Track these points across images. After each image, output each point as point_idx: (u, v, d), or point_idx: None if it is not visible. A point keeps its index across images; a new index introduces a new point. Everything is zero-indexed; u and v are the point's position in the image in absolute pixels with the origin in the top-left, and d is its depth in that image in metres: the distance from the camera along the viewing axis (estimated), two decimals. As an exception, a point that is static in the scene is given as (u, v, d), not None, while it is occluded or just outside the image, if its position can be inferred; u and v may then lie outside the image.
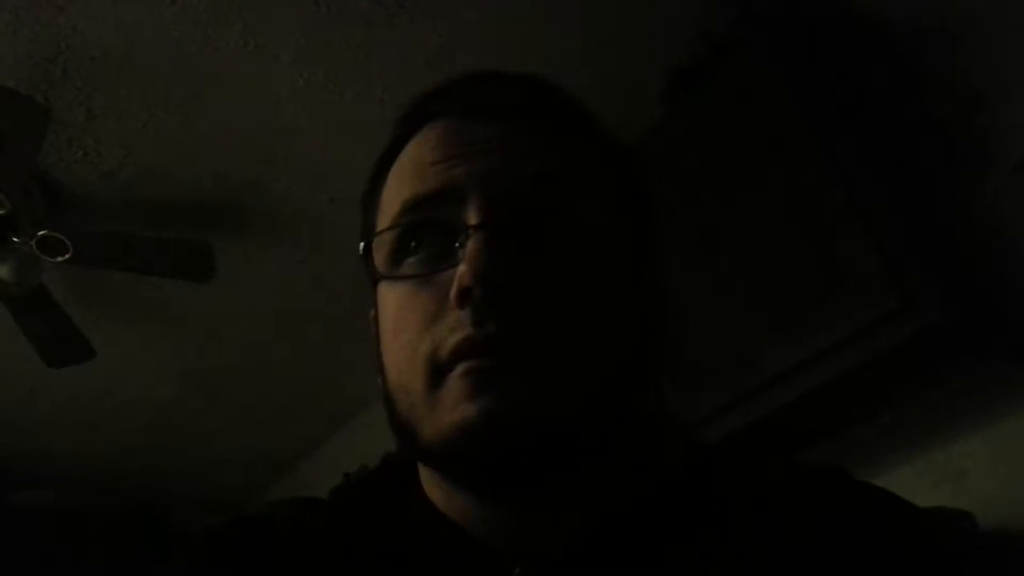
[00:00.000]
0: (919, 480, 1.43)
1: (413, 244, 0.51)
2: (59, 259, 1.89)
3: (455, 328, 0.47)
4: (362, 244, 0.53)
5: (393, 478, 0.57)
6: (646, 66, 1.80)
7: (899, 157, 1.51)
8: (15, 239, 1.88)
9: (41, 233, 1.86)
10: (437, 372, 0.48)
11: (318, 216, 2.08)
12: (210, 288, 2.10)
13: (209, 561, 0.54)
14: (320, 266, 2.24)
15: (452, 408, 0.47)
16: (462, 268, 0.47)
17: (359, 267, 0.59)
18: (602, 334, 0.50)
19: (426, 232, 0.51)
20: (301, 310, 2.42)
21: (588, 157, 0.54)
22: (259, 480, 3.21)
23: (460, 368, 0.47)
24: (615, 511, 0.50)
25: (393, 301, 0.52)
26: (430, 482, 0.54)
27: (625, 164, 0.58)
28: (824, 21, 1.62)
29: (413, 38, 1.73)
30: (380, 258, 0.52)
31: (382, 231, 0.52)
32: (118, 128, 1.83)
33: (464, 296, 0.46)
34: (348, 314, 2.35)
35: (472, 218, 0.49)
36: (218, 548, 0.55)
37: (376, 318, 0.56)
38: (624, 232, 0.53)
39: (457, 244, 0.48)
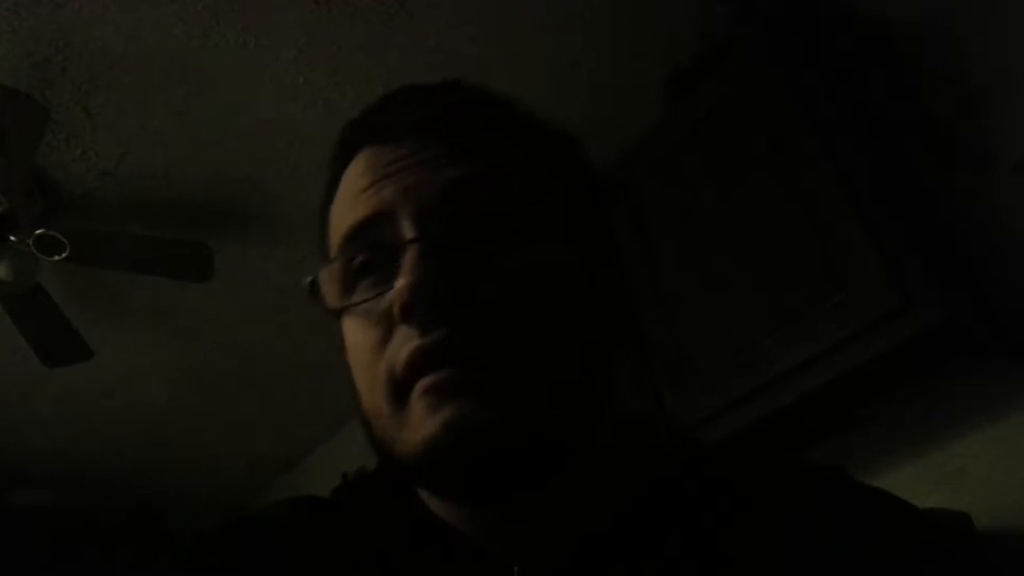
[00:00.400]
0: (919, 480, 1.43)
1: (360, 270, 0.52)
2: (57, 258, 1.89)
3: (404, 342, 0.48)
4: (307, 280, 0.53)
5: (390, 480, 0.57)
6: (646, 66, 1.80)
7: (899, 157, 1.51)
8: (12, 238, 1.87)
9: (39, 232, 1.85)
10: (398, 391, 0.48)
11: (317, 215, 2.08)
12: (209, 288, 2.10)
13: (207, 561, 0.54)
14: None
15: (418, 427, 0.47)
16: (399, 283, 0.47)
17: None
18: (550, 333, 0.49)
19: (370, 257, 0.51)
20: (300, 310, 2.41)
21: (518, 155, 0.53)
22: (258, 481, 3.21)
23: (419, 387, 0.47)
24: (613, 512, 0.50)
25: (351, 330, 0.53)
26: (422, 491, 0.54)
27: (565, 156, 0.57)
28: (824, 21, 1.62)
29: (413, 37, 1.73)
30: (332, 290, 0.53)
31: (328, 264, 0.53)
32: (116, 127, 1.83)
33: (407, 311, 0.47)
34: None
35: (406, 233, 0.49)
36: (216, 548, 0.55)
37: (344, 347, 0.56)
38: (567, 225, 0.52)
39: (396, 264, 0.48)
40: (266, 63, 1.74)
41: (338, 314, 0.54)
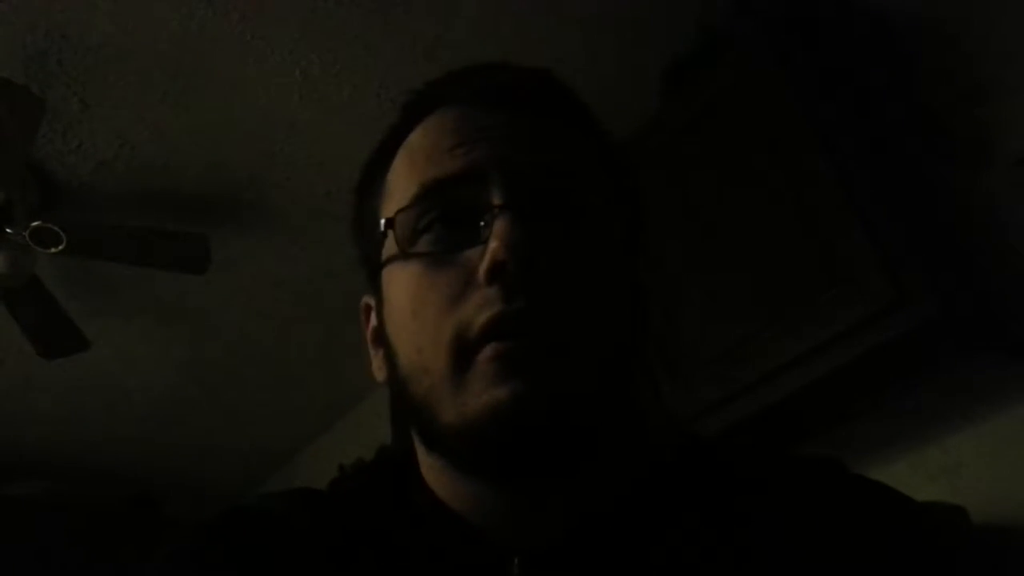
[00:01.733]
0: (914, 475, 1.44)
1: (425, 225, 0.51)
2: (53, 250, 1.89)
3: (483, 306, 0.47)
4: (383, 221, 0.53)
5: (389, 470, 0.57)
6: (645, 59, 1.80)
7: (897, 152, 1.51)
8: (9, 230, 1.87)
9: (35, 224, 1.85)
10: (464, 353, 0.48)
11: (315, 208, 2.08)
12: (207, 280, 2.10)
13: (204, 551, 0.54)
14: (318, 258, 2.24)
15: (481, 391, 0.47)
16: (494, 244, 0.47)
17: (357, 258, 0.58)
18: (610, 318, 0.51)
19: (441, 214, 0.51)
20: (298, 302, 2.41)
21: (589, 150, 0.56)
22: (255, 472, 3.21)
23: (489, 350, 0.47)
24: (613, 499, 0.51)
25: (410, 281, 0.51)
26: (432, 471, 0.54)
27: (618, 159, 0.59)
28: (822, 16, 1.62)
29: (411, 30, 1.73)
30: (399, 235, 0.52)
31: (403, 209, 0.52)
32: (113, 119, 1.82)
33: (495, 272, 0.47)
34: (346, 306, 2.34)
35: (497, 198, 0.49)
36: (213, 539, 0.55)
37: (376, 305, 0.56)
38: (619, 226, 0.55)
39: (482, 223, 0.49)
40: (263, 55, 1.74)
41: (381, 265, 0.54)
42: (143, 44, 1.68)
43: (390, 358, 0.53)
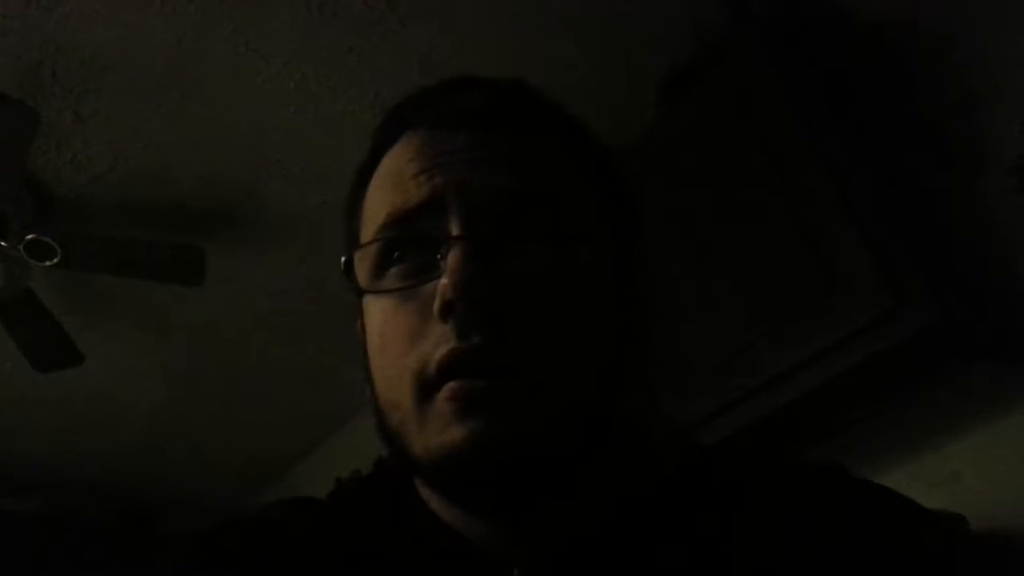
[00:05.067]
0: (914, 483, 1.43)
1: (396, 255, 0.51)
2: (48, 263, 1.88)
3: (440, 342, 0.47)
4: (343, 259, 0.52)
5: (388, 482, 0.56)
6: (641, 68, 1.80)
7: (893, 159, 1.51)
8: (3, 243, 1.86)
9: (29, 237, 1.85)
10: (425, 389, 0.47)
11: (310, 219, 2.08)
12: (203, 291, 2.09)
13: (202, 563, 0.54)
14: (313, 269, 2.23)
15: (441, 430, 0.46)
16: (444, 281, 0.46)
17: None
18: (583, 345, 0.49)
19: (409, 243, 0.50)
20: (294, 314, 2.41)
21: (567, 164, 0.53)
22: (251, 485, 3.20)
23: (447, 389, 0.46)
24: (612, 511, 0.51)
25: (378, 315, 0.51)
26: (423, 490, 0.54)
27: (606, 168, 0.57)
28: (819, 24, 1.63)
29: (405, 41, 1.73)
30: (363, 270, 0.51)
31: (364, 244, 0.52)
32: (108, 131, 1.82)
33: (447, 310, 0.46)
34: (342, 318, 2.33)
35: (453, 229, 0.48)
36: (210, 551, 0.55)
37: (363, 329, 0.55)
38: (605, 239, 0.52)
39: (439, 256, 0.48)
40: (258, 67, 1.73)
41: (361, 295, 0.53)
42: (138, 56, 1.68)
43: (371, 388, 0.53)
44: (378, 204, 0.52)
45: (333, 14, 1.65)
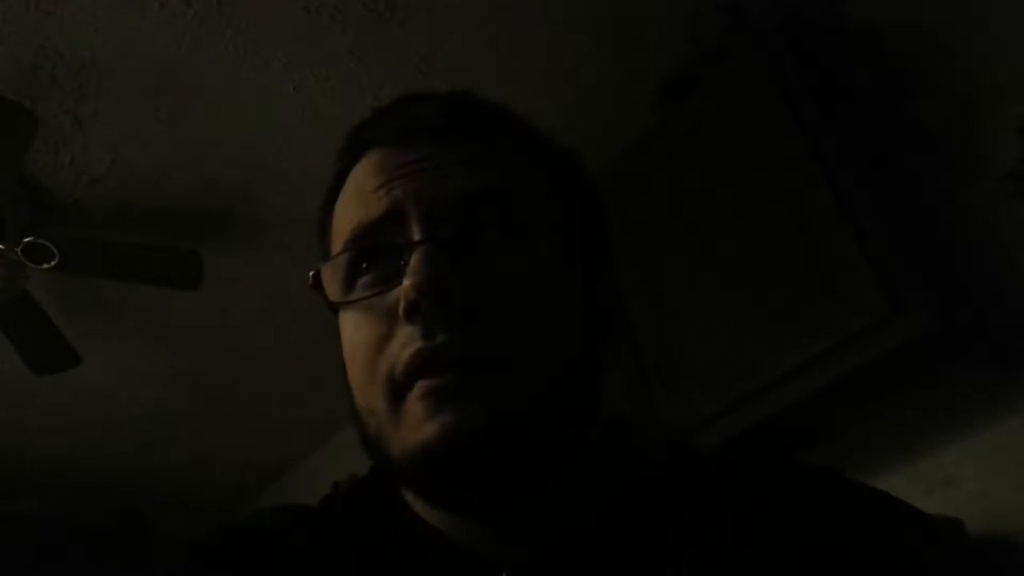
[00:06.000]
0: (910, 487, 1.43)
1: (364, 266, 0.52)
2: (45, 266, 1.88)
3: (406, 343, 0.48)
4: (311, 274, 0.55)
5: (382, 487, 0.57)
6: (637, 73, 1.80)
7: (890, 163, 1.51)
8: (1, 246, 1.86)
9: (27, 240, 1.84)
10: (396, 391, 0.49)
11: (308, 222, 2.06)
12: (199, 295, 2.09)
13: (196, 569, 0.54)
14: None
15: (415, 428, 0.47)
16: (406, 283, 0.48)
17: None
18: (549, 336, 0.50)
19: (374, 255, 0.52)
20: (291, 316, 2.41)
21: (518, 161, 0.55)
22: (249, 488, 3.19)
23: (418, 388, 0.48)
24: (597, 512, 0.51)
25: (349, 326, 0.53)
26: (408, 494, 0.54)
27: (562, 170, 0.58)
28: (817, 27, 1.63)
29: (404, 45, 1.73)
30: (334, 284, 0.53)
31: (332, 258, 0.54)
32: (105, 135, 1.82)
33: (412, 310, 0.47)
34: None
35: (414, 234, 0.50)
36: (205, 556, 0.55)
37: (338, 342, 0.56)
38: (563, 231, 0.54)
39: (402, 262, 0.49)
40: (256, 70, 1.74)
41: (336, 309, 0.55)
42: (136, 60, 1.68)
43: (348, 398, 0.54)
44: (344, 220, 0.55)
45: (332, 17, 1.66)
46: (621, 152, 1.70)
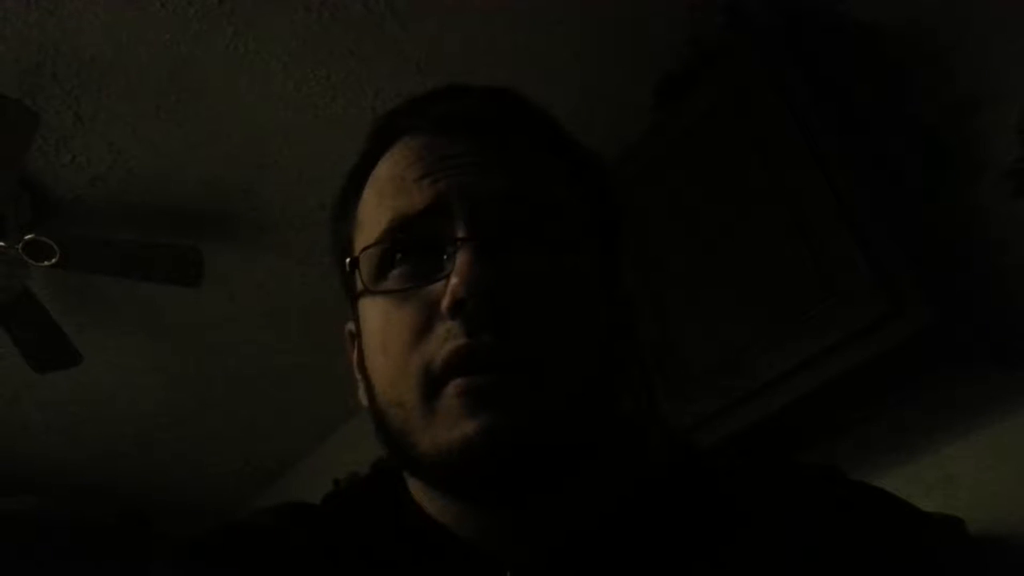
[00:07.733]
0: (911, 486, 1.43)
1: (399, 257, 0.52)
2: (46, 264, 1.88)
3: (447, 339, 0.48)
4: (348, 260, 0.53)
5: (384, 484, 0.57)
6: (637, 73, 1.80)
7: (889, 162, 1.51)
8: (2, 243, 1.86)
9: (28, 237, 1.85)
10: (431, 385, 0.48)
11: (309, 221, 2.08)
12: (200, 293, 2.09)
13: (196, 568, 0.54)
14: (311, 271, 2.23)
15: (451, 425, 0.47)
16: (454, 280, 0.47)
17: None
18: (582, 341, 0.51)
19: (412, 246, 0.51)
20: (292, 314, 2.41)
21: (559, 172, 0.55)
22: (249, 487, 3.19)
23: (455, 385, 0.47)
24: (602, 513, 0.51)
25: (378, 316, 0.52)
26: (418, 491, 0.54)
27: (593, 176, 0.58)
28: (814, 27, 1.63)
29: (405, 44, 1.73)
30: (364, 272, 0.52)
31: (369, 246, 0.52)
32: (107, 133, 1.82)
33: (457, 307, 0.47)
34: (339, 320, 2.33)
35: (460, 231, 0.49)
36: (205, 555, 0.55)
37: (356, 332, 0.56)
38: (593, 244, 0.54)
39: (445, 257, 0.49)
40: (258, 69, 1.74)
41: (357, 297, 0.54)
42: (137, 58, 1.68)
43: (369, 389, 0.53)
44: (378, 209, 0.53)
45: (332, 16, 1.66)
46: (621, 152, 1.70)
